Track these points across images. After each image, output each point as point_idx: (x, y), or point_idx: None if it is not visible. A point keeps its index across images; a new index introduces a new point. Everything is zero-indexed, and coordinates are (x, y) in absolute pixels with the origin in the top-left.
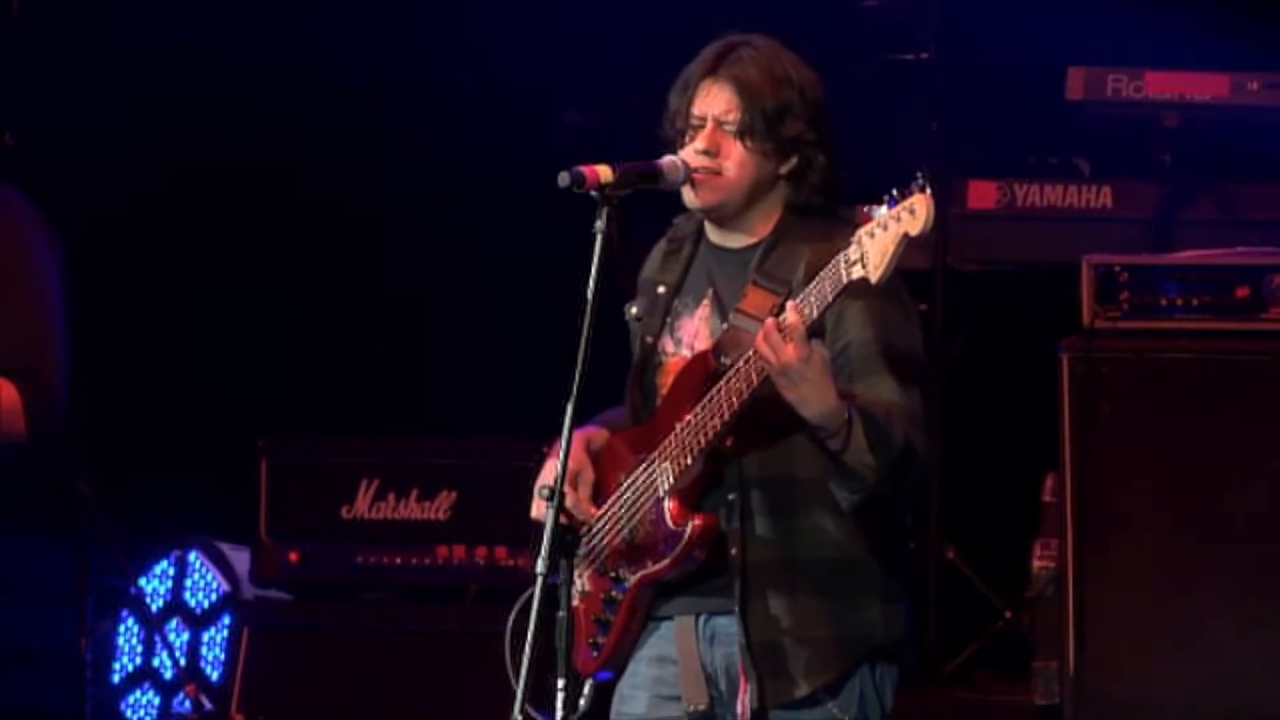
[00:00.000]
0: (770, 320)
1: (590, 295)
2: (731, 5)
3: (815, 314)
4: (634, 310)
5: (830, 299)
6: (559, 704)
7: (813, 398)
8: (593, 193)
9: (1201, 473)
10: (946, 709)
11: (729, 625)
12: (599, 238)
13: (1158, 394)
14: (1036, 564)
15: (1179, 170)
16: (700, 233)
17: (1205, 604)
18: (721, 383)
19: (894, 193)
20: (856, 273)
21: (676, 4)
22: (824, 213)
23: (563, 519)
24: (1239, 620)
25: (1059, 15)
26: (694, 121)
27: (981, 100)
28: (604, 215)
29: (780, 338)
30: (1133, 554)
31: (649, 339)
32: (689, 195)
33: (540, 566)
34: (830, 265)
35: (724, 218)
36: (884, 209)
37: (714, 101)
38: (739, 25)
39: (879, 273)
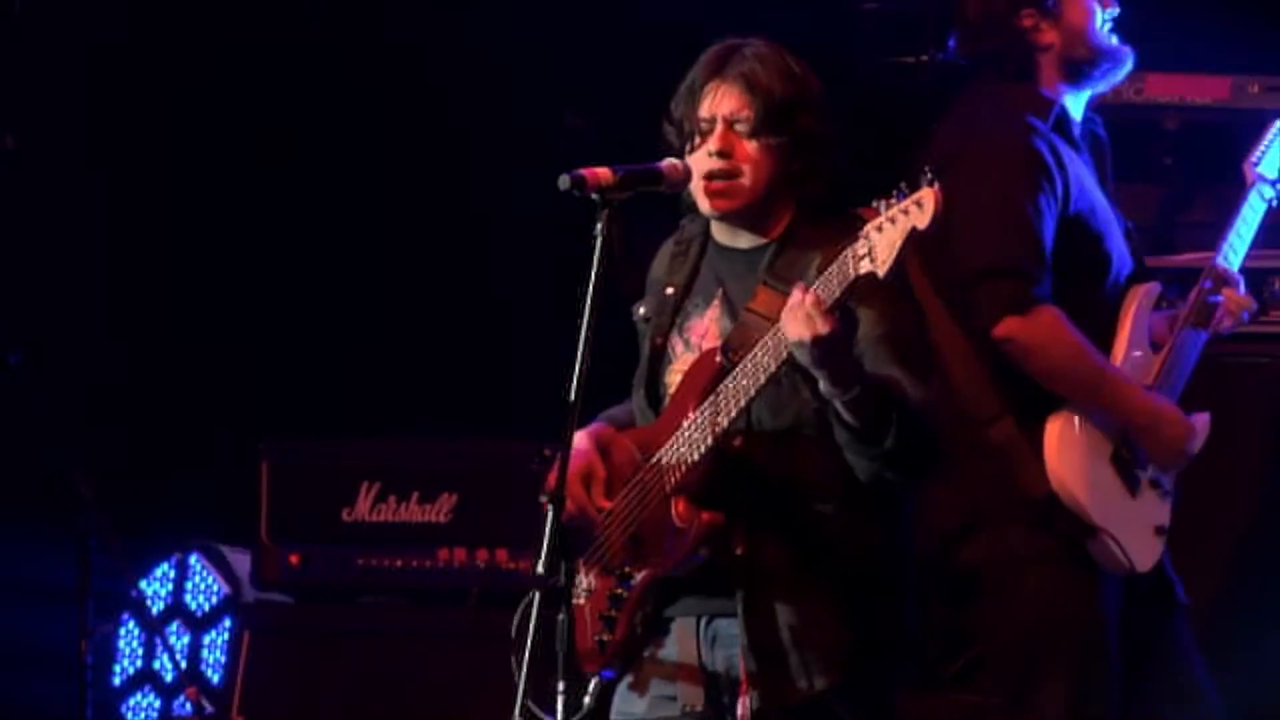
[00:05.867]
0: (810, 295)
1: (589, 297)
2: (731, 7)
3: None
4: (642, 310)
5: (838, 293)
6: (559, 706)
7: (838, 367)
8: (593, 195)
9: (1202, 475)
10: (947, 712)
11: (730, 628)
12: (599, 240)
13: None
14: None
15: (1179, 173)
16: (707, 233)
17: (1204, 606)
18: (728, 379)
19: (902, 187)
20: (864, 267)
21: (675, 6)
22: (835, 214)
23: (572, 517)
24: (1238, 622)
25: None
26: (702, 125)
27: None
28: (604, 218)
29: (814, 312)
30: None
31: (658, 340)
32: (704, 204)
33: (542, 568)
34: (838, 260)
35: (736, 219)
36: (892, 203)
37: (723, 102)
38: (738, 27)
39: (885, 267)
